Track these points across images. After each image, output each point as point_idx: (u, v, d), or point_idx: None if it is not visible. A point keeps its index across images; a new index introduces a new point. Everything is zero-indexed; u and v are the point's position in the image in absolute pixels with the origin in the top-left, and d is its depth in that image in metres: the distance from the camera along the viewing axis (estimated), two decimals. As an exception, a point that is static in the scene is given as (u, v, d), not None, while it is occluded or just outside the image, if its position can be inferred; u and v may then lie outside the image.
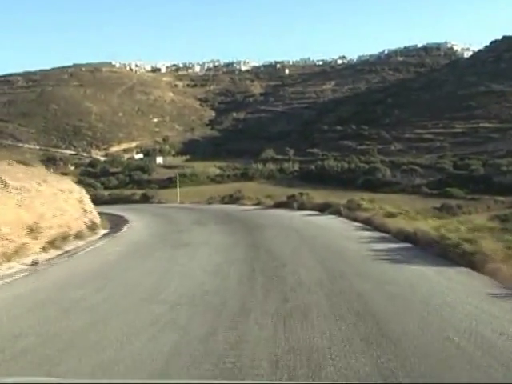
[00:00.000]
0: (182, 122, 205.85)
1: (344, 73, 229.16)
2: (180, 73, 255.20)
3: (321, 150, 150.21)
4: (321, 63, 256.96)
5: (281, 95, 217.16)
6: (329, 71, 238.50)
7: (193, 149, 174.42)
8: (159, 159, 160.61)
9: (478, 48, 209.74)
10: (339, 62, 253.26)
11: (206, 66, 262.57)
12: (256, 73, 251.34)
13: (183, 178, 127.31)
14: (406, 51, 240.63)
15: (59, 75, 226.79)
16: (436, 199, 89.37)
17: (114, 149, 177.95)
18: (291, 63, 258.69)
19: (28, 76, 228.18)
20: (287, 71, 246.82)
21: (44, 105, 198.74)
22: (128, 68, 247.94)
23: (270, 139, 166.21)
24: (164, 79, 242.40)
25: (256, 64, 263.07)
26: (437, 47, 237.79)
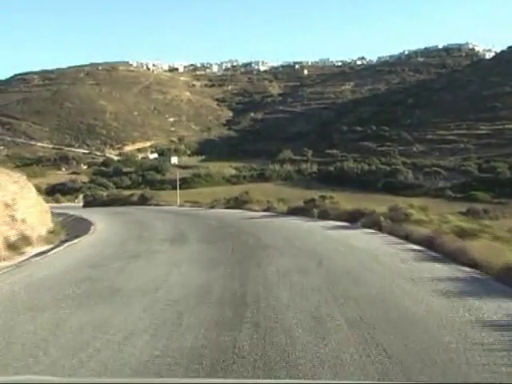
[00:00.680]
0: (199, 122, 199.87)
1: (363, 73, 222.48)
2: (198, 72, 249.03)
3: (340, 151, 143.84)
4: (340, 64, 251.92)
5: (299, 96, 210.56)
6: (348, 72, 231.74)
7: (209, 149, 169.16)
8: (174, 159, 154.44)
9: (501, 49, 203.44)
10: (358, 63, 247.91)
11: (224, 66, 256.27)
12: (274, 73, 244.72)
13: (198, 179, 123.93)
14: (427, 52, 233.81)
15: (75, 74, 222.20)
16: (461, 203, 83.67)
17: (128, 148, 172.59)
18: (310, 64, 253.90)
19: (44, 74, 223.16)
20: (306, 72, 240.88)
21: (58, 103, 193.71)
22: (145, 67, 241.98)
23: (288, 140, 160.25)
24: (181, 79, 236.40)
25: (274, 64, 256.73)
26: (458, 48, 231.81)
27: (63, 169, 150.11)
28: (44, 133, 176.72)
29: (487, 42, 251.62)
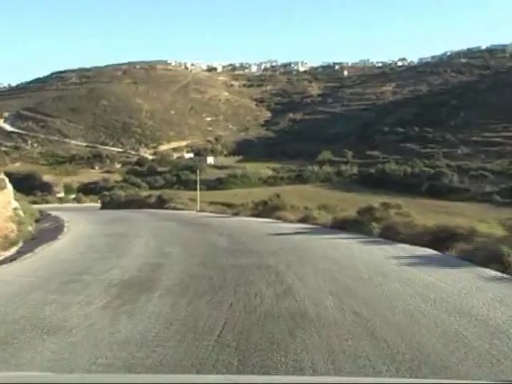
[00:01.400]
0: (237, 122, 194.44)
1: (404, 75, 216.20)
2: (236, 72, 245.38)
3: (381, 153, 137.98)
4: (380, 65, 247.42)
5: (339, 96, 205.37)
6: (388, 73, 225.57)
7: (246, 149, 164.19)
8: (210, 159, 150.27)
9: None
10: (399, 64, 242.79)
11: (263, 66, 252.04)
12: (314, 74, 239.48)
13: (234, 179, 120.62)
14: (469, 53, 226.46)
15: (112, 72, 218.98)
16: (509, 209, 78.38)
17: (164, 147, 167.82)
18: (350, 64, 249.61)
19: (81, 72, 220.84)
20: (346, 72, 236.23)
21: (94, 101, 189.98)
22: (183, 67, 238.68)
23: (328, 141, 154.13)
24: (220, 78, 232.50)
25: (314, 65, 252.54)
26: (502, 49, 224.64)
27: (96, 167, 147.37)
28: (78, 131, 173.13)
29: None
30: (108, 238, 23.85)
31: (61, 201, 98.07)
